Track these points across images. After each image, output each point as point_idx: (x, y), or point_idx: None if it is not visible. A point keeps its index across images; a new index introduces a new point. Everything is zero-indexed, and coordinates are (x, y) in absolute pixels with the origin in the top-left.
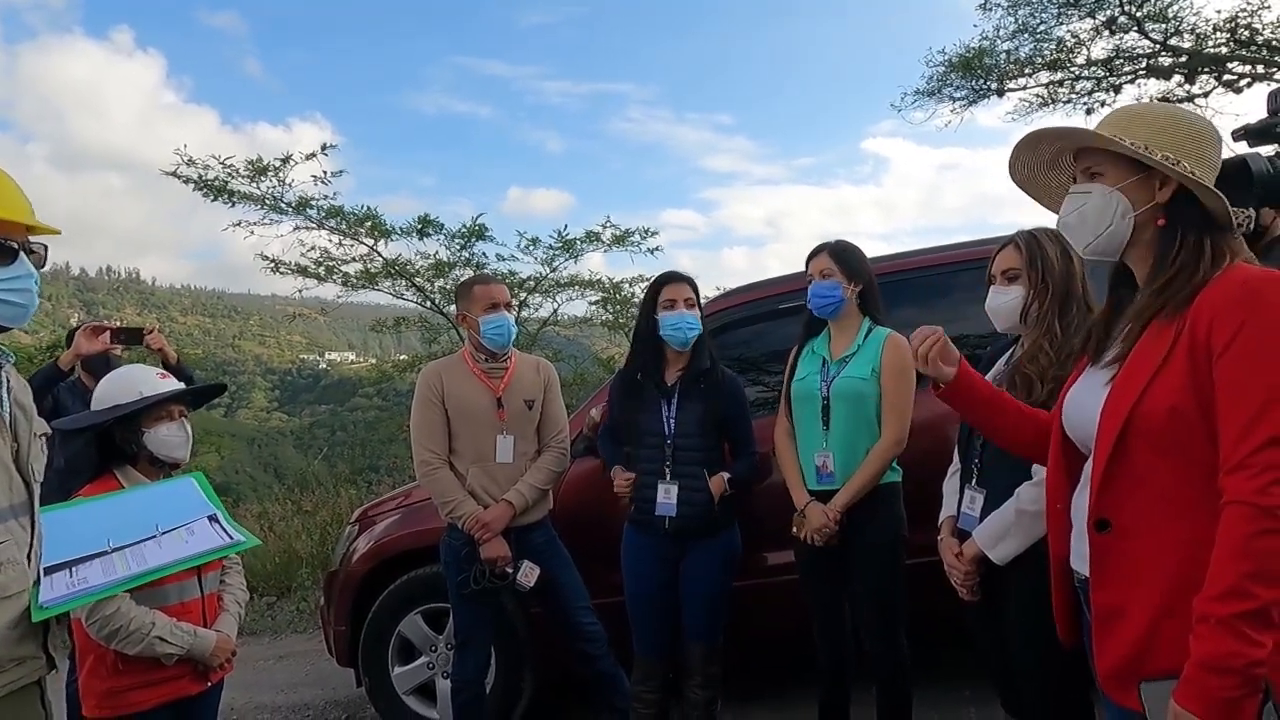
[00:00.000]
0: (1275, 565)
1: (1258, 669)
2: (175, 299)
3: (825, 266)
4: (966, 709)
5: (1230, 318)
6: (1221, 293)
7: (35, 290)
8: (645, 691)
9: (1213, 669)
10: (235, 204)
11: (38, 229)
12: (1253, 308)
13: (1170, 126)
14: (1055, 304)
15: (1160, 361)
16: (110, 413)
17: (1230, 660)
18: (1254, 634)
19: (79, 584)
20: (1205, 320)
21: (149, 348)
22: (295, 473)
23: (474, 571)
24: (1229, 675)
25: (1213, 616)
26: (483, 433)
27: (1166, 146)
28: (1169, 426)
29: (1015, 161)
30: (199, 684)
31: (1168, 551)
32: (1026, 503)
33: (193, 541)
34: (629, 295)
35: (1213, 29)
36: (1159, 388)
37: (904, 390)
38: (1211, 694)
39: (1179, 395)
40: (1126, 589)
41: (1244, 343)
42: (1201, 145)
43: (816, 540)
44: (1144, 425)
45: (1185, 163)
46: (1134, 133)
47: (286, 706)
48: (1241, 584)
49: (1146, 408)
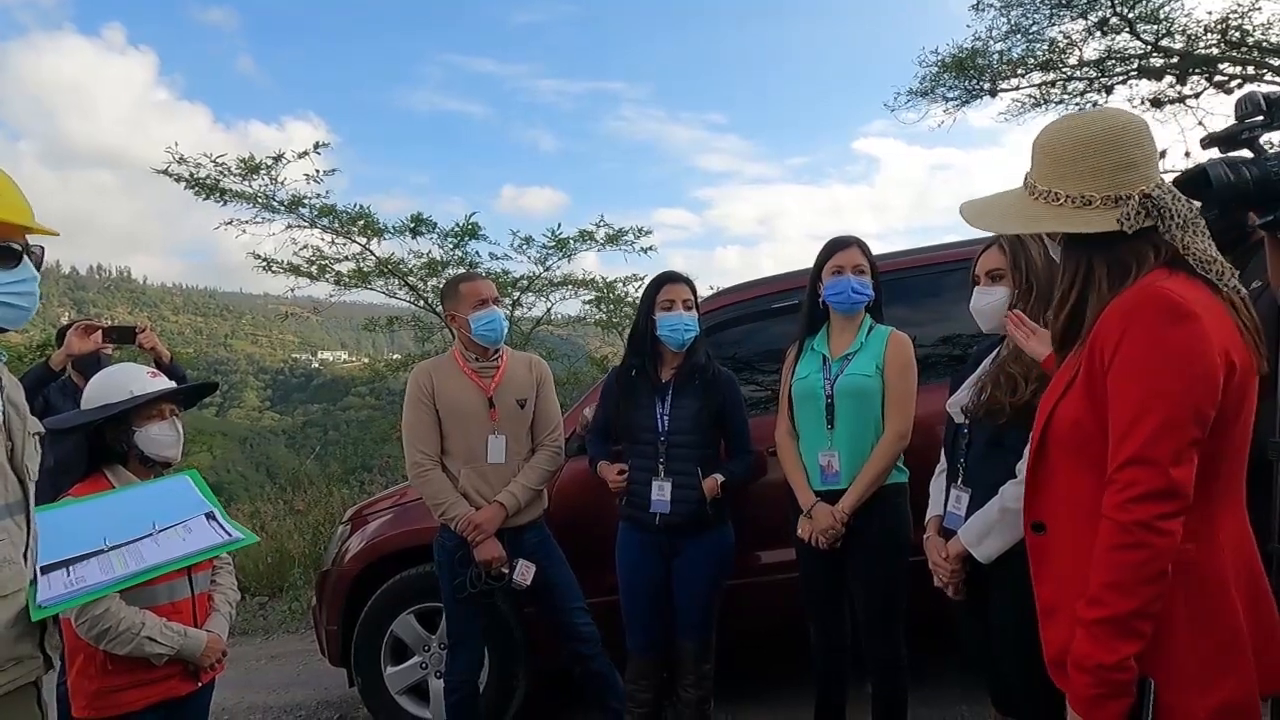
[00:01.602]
0: (1131, 578)
1: (1113, 673)
2: (167, 298)
3: (859, 262)
4: (958, 706)
5: (1113, 334)
6: (1113, 310)
7: (37, 293)
8: (639, 691)
9: (1077, 667)
10: (227, 202)
11: (36, 231)
12: (1127, 326)
13: (1053, 155)
14: (1040, 304)
15: (1073, 375)
16: (100, 412)
17: (1085, 661)
18: (1108, 641)
19: (77, 583)
20: (1100, 337)
21: (141, 347)
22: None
23: (470, 574)
24: (1086, 674)
25: (1081, 620)
26: (474, 433)
27: (1051, 180)
28: (1073, 437)
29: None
30: (189, 684)
31: (1085, 553)
32: (1010, 500)
33: (190, 539)
34: (623, 295)
35: (1204, 30)
36: (1068, 400)
37: (908, 386)
38: (1078, 689)
39: (1080, 409)
40: (1057, 587)
41: (1120, 361)
42: (1084, 160)
43: (823, 542)
44: (1056, 434)
45: (1066, 187)
46: (1037, 172)
47: (278, 707)
48: (1101, 593)
49: (1057, 418)
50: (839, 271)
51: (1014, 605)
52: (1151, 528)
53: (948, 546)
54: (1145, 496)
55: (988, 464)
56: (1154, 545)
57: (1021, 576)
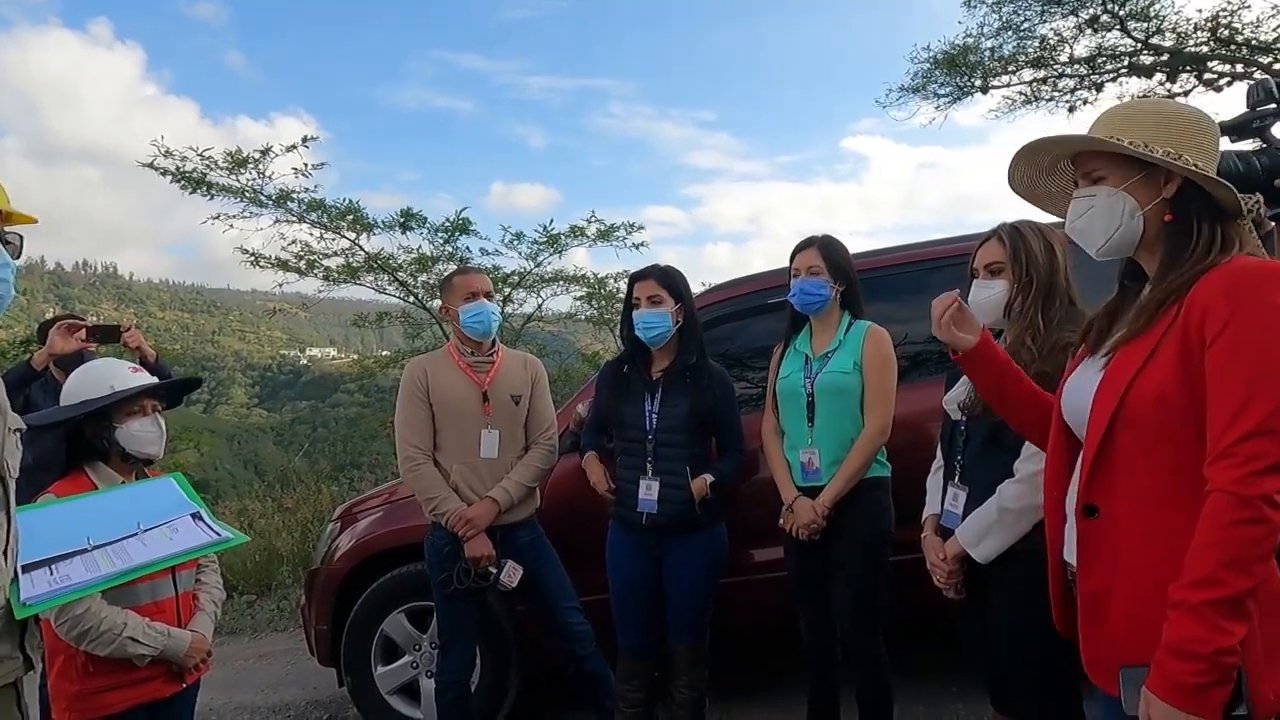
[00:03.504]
0: (1250, 554)
1: (1225, 657)
2: (153, 294)
3: (814, 263)
4: (954, 705)
5: (1223, 307)
6: (1218, 282)
7: (11, 280)
8: (630, 691)
9: (1180, 654)
10: (214, 197)
11: (15, 218)
12: (1245, 299)
13: (1167, 122)
14: (1039, 297)
15: (1152, 349)
16: (80, 408)
17: (1197, 646)
18: (1223, 622)
19: (61, 581)
20: (1199, 308)
21: (126, 346)
22: (276, 469)
23: (457, 570)
24: (1196, 661)
25: (1185, 603)
26: (468, 428)
27: (1166, 142)
28: (1156, 414)
29: (1014, 171)
30: (173, 685)
31: (1152, 539)
32: (1009, 500)
33: (177, 539)
34: (613, 291)
35: (1194, 28)
36: (1149, 375)
37: (886, 381)
38: (1178, 679)
39: (1167, 383)
40: (1110, 576)
41: (1234, 333)
42: (1199, 136)
43: (804, 535)
44: (1133, 412)
45: (1186, 155)
46: (1131, 132)
47: (267, 707)
48: (1216, 572)
49: (1136, 394)
50: (796, 274)
51: (1013, 604)
52: (1273, 502)
53: (945, 547)
54: (1272, 469)
55: (985, 462)
56: (1272, 520)
57: (1021, 574)
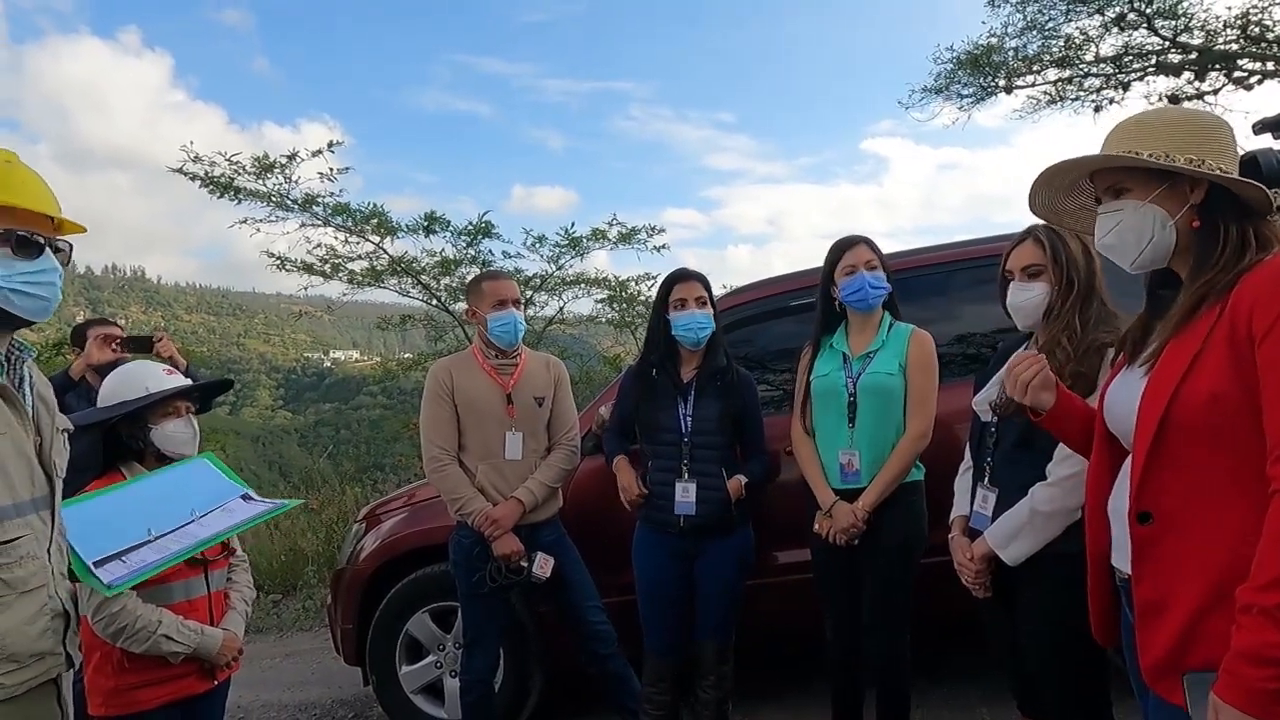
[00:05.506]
0: None
1: None
2: (180, 297)
3: (870, 258)
4: (978, 708)
5: (1273, 302)
6: (1264, 278)
7: (59, 285)
8: (656, 693)
9: (1253, 660)
10: (241, 201)
11: (66, 226)
12: None
13: (1185, 129)
14: (1079, 300)
15: (1197, 350)
16: (117, 409)
17: (1272, 651)
18: None
19: (137, 564)
20: (1246, 306)
21: (159, 355)
22: (300, 471)
23: (489, 569)
24: (1270, 666)
25: (1256, 606)
26: (492, 429)
27: (1188, 150)
28: (1209, 414)
29: (1035, 197)
30: (205, 682)
31: (1211, 542)
32: (1042, 503)
33: (234, 516)
34: (635, 293)
35: (1223, 25)
36: (1198, 375)
37: (930, 385)
38: (1251, 685)
39: (1220, 382)
40: (1169, 581)
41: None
42: (1216, 137)
43: (841, 540)
44: (1183, 414)
45: (1210, 160)
46: (1149, 144)
47: (293, 705)
48: None
49: (1186, 396)
50: (852, 271)
51: (1042, 606)
52: None
53: (973, 548)
54: None
55: (1015, 464)
56: None
57: (1051, 577)
